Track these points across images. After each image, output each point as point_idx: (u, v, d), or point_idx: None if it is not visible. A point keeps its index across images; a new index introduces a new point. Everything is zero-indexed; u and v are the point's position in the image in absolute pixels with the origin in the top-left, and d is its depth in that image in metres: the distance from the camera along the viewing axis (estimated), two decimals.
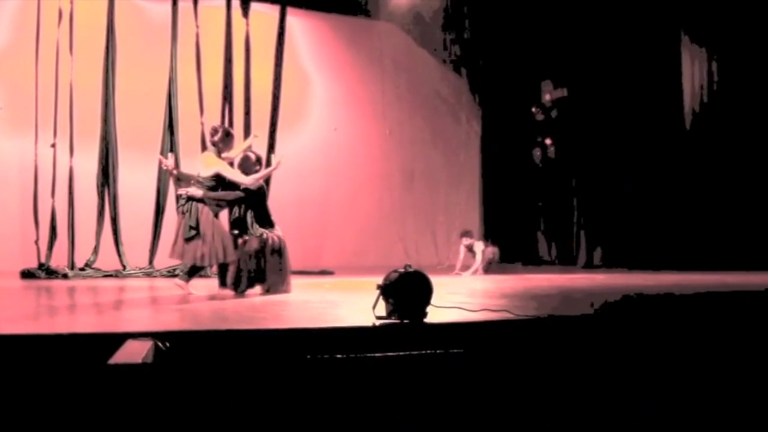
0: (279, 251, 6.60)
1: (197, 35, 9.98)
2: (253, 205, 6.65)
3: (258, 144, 10.38)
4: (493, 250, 10.48)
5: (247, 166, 6.81)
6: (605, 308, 5.07)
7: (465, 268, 10.22)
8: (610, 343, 4.19)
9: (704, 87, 11.23)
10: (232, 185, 6.58)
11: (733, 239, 10.56)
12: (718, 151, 10.84)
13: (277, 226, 6.74)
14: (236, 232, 6.60)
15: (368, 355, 3.26)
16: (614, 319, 4.78)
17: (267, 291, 6.51)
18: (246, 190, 6.57)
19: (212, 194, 6.44)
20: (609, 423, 3.27)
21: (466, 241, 10.42)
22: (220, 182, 6.52)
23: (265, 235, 6.56)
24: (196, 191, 6.40)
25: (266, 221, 6.68)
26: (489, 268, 10.26)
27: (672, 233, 11.02)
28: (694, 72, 11.30)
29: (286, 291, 6.64)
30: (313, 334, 3.97)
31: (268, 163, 9.98)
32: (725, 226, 10.65)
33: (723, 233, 10.64)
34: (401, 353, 3.39)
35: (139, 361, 3.01)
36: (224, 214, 6.94)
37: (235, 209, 6.80)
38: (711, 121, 11.04)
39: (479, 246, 10.36)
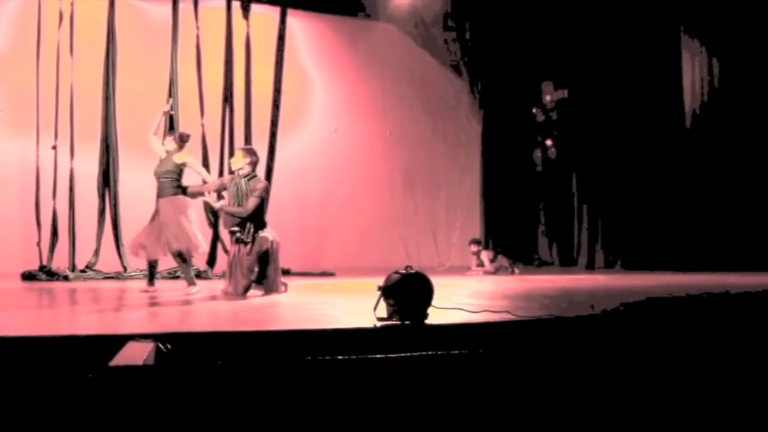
0: (276, 252, 6.61)
1: (197, 37, 9.99)
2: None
3: (257, 145, 10.43)
4: (500, 261, 11.11)
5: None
6: (606, 310, 5.06)
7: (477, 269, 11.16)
8: (610, 345, 4.19)
9: (704, 86, 11.21)
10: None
11: (734, 239, 10.55)
12: (719, 151, 10.82)
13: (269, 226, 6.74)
14: (235, 229, 6.58)
15: (369, 356, 3.26)
16: (615, 320, 4.77)
17: (266, 292, 6.50)
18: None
19: (228, 209, 6.56)
20: (609, 423, 3.27)
21: (473, 248, 11.21)
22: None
23: (271, 237, 6.55)
24: (214, 202, 6.50)
25: (263, 223, 6.69)
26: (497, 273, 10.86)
27: (673, 234, 11.01)
28: (694, 71, 11.29)
29: (284, 291, 6.66)
30: (313, 335, 3.97)
31: (269, 168, 10.06)
32: (726, 226, 10.63)
33: (724, 233, 10.62)
34: (402, 355, 3.38)
35: (141, 362, 3.00)
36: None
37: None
38: (711, 120, 11.02)
39: (485, 255, 11.09)
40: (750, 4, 10.40)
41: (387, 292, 4.19)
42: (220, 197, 6.68)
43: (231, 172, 6.98)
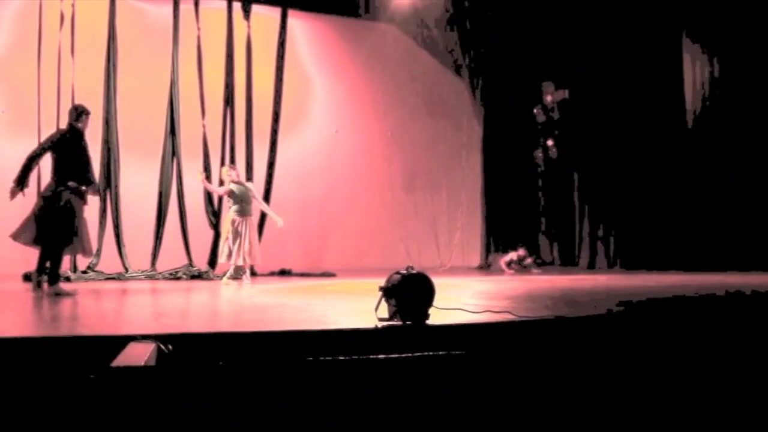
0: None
1: (198, 38, 10.00)
2: None
3: (258, 146, 10.46)
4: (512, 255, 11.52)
5: None
6: (607, 311, 5.06)
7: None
8: (612, 345, 4.19)
9: (706, 87, 11.21)
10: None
11: (735, 239, 10.54)
12: (721, 151, 10.82)
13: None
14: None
15: (371, 357, 3.26)
16: (616, 321, 4.77)
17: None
18: None
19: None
20: (610, 423, 3.27)
21: (521, 252, 11.69)
22: None
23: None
24: None
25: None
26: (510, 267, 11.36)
27: (675, 234, 11.01)
28: (695, 72, 11.29)
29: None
30: (315, 336, 3.97)
31: (270, 168, 10.12)
32: (728, 226, 10.63)
33: (725, 233, 10.62)
34: (404, 355, 3.39)
35: (142, 363, 3.01)
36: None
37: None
38: (713, 121, 11.02)
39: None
40: (750, 5, 10.40)
41: (388, 292, 4.20)
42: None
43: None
